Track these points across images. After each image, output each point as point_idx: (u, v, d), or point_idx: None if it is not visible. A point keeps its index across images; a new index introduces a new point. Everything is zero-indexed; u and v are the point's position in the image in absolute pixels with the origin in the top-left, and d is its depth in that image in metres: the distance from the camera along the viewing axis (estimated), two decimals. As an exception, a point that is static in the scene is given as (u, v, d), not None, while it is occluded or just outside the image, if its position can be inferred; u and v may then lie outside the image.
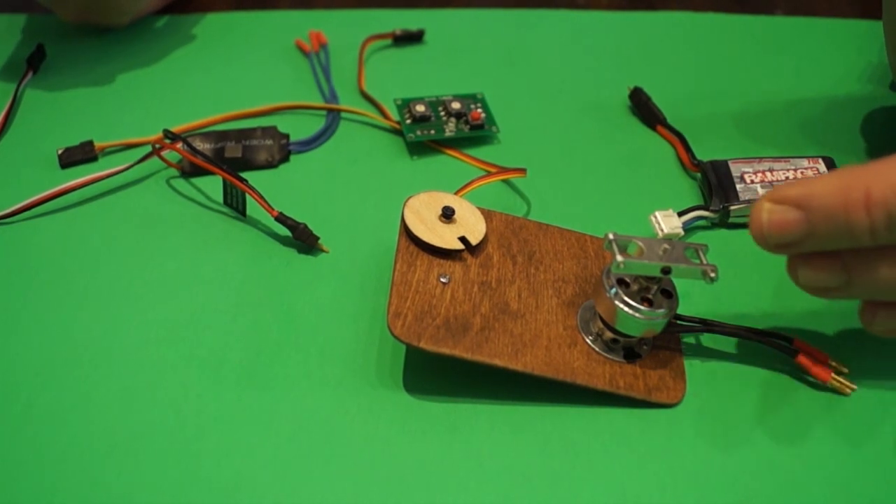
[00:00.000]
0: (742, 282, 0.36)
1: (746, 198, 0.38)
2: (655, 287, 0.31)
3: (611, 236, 0.30)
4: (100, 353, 0.33)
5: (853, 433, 0.31)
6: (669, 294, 0.31)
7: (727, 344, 0.33)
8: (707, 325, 0.32)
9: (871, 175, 0.26)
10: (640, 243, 0.30)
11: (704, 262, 0.30)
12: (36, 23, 0.50)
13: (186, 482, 0.29)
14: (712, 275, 0.30)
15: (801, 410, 0.31)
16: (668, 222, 0.36)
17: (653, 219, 0.36)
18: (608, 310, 0.31)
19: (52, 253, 0.36)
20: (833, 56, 0.49)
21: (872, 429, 0.31)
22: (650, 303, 0.30)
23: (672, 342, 0.33)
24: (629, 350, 0.32)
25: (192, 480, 0.29)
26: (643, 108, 0.44)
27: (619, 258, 0.29)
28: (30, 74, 0.46)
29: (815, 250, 0.28)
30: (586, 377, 0.31)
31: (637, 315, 0.30)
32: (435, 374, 0.32)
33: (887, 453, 0.30)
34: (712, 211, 0.38)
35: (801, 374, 0.32)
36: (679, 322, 0.32)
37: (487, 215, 0.35)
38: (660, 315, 0.30)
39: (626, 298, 0.30)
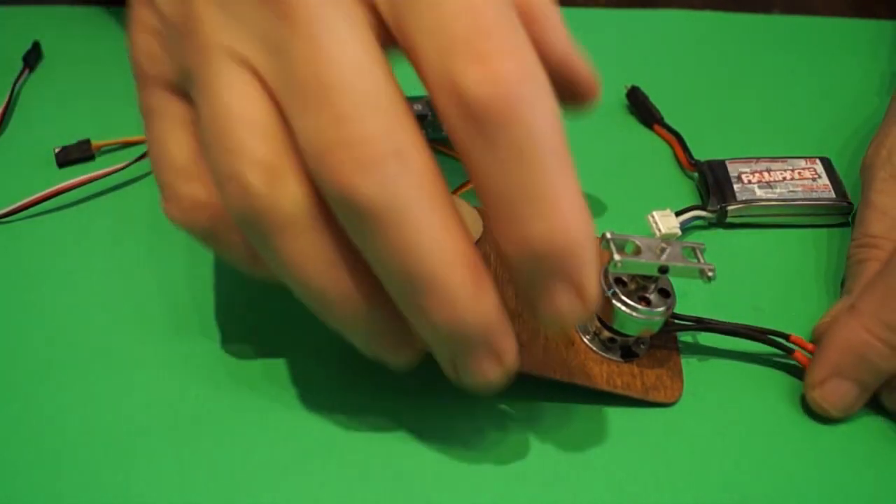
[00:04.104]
0: (739, 281, 0.36)
1: (744, 198, 0.38)
2: (653, 286, 0.31)
3: (608, 235, 0.30)
4: (97, 352, 0.33)
5: (850, 431, 0.31)
6: (667, 293, 0.31)
7: (724, 342, 0.33)
8: (704, 324, 0.32)
9: None
10: (638, 242, 0.30)
11: (702, 261, 0.30)
12: (33, 19, 0.50)
13: (184, 481, 0.29)
14: (710, 274, 0.30)
15: (799, 408, 0.31)
16: (665, 222, 0.36)
17: (650, 218, 0.36)
18: (605, 309, 0.31)
19: (50, 252, 0.36)
20: (830, 55, 0.49)
21: (869, 426, 0.31)
22: (648, 302, 0.30)
23: (669, 341, 0.33)
24: (626, 349, 0.32)
25: (190, 479, 0.29)
26: (640, 107, 0.44)
27: (617, 257, 0.29)
28: (26, 72, 0.46)
29: None
30: (583, 377, 0.31)
31: (635, 314, 0.30)
32: (431, 373, 0.32)
33: (885, 450, 0.30)
34: (710, 211, 0.38)
35: (798, 372, 0.32)
36: (676, 321, 0.32)
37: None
38: (657, 314, 0.30)
39: (624, 298, 0.30)
